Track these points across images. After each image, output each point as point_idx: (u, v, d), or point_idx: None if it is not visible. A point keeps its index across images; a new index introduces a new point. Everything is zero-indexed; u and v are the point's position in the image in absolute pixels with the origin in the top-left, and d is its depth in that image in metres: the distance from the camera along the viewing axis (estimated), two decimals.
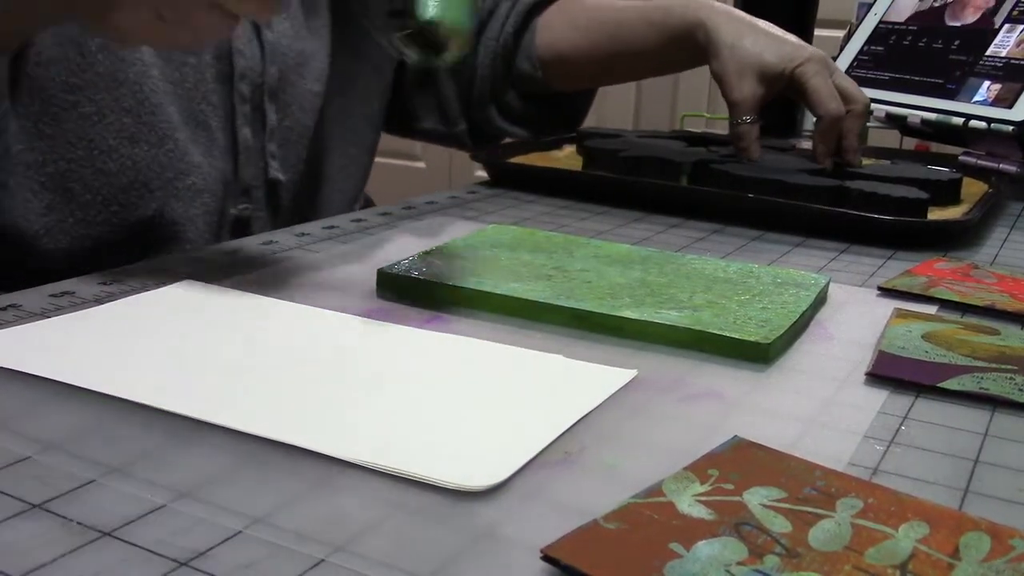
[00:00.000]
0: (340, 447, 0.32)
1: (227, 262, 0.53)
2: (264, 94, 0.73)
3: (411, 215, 0.67)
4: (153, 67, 0.66)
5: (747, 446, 0.33)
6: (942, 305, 0.51)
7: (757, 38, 0.78)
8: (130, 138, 0.65)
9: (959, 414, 0.38)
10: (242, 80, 0.71)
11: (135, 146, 0.65)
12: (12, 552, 0.25)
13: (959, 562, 0.26)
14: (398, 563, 0.26)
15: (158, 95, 0.66)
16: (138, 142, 0.66)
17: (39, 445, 0.31)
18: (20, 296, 0.45)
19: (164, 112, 0.66)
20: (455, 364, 0.40)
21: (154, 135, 0.66)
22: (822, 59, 0.77)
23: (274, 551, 0.26)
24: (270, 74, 0.73)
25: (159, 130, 0.66)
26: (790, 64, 0.76)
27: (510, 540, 0.27)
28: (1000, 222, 0.74)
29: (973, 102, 0.86)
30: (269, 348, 0.41)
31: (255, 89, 0.72)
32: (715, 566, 0.25)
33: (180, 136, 0.67)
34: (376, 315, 0.45)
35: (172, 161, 0.67)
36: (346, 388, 0.37)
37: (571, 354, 0.41)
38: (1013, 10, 0.89)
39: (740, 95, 0.76)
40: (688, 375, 0.40)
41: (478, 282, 0.48)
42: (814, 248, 0.62)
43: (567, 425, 0.34)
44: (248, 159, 0.73)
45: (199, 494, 0.29)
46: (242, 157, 0.72)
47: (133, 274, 0.50)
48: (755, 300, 0.48)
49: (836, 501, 0.29)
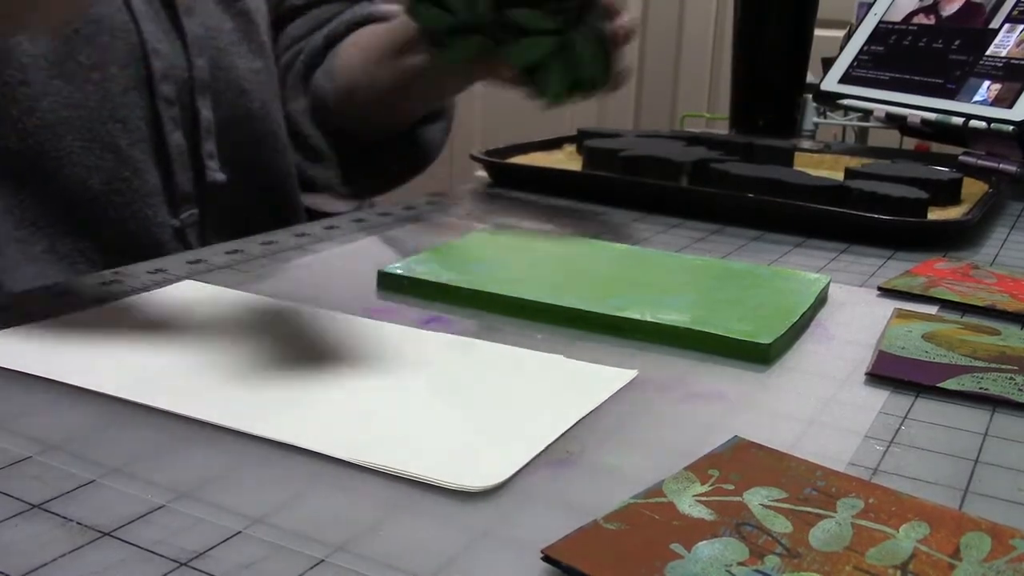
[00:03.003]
0: (340, 447, 0.32)
1: (227, 262, 0.53)
2: (194, 90, 0.67)
3: (411, 215, 0.67)
4: (43, 98, 0.61)
5: (747, 446, 0.33)
6: (942, 305, 0.51)
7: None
8: (16, 178, 0.60)
9: (959, 414, 0.38)
10: (164, 82, 0.65)
11: (21, 189, 0.61)
12: (12, 552, 0.25)
13: (960, 562, 0.26)
14: (398, 563, 0.26)
15: (46, 130, 0.61)
16: (25, 183, 0.61)
17: (39, 445, 0.31)
18: (20, 296, 0.45)
19: (56, 144, 0.61)
20: (455, 364, 0.40)
21: (40, 174, 0.61)
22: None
23: (274, 551, 0.26)
24: (198, 67, 0.67)
25: (46, 168, 0.61)
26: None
27: (510, 540, 0.27)
28: (1000, 222, 0.74)
29: (973, 102, 0.86)
30: (269, 348, 0.41)
31: (181, 87, 0.67)
32: (716, 566, 0.25)
33: (77, 167, 0.62)
34: (376, 315, 0.45)
35: (76, 192, 0.62)
36: (346, 388, 0.37)
37: (571, 354, 0.41)
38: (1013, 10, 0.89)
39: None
40: (688, 375, 0.40)
41: (478, 282, 0.48)
42: (814, 248, 0.62)
43: (567, 425, 0.34)
44: (182, 165, 0.67)
45: (199, 494, 0.29)
46: (176, 165, 0.67)
47: (133, 274, 0.50)
48: (755, 300, 0.48)
49: (837, 501, 0.29)
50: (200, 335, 0.42)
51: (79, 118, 0.62)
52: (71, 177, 0.62)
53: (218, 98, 0.69)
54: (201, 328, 0.43)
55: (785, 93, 1.09)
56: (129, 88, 0.64)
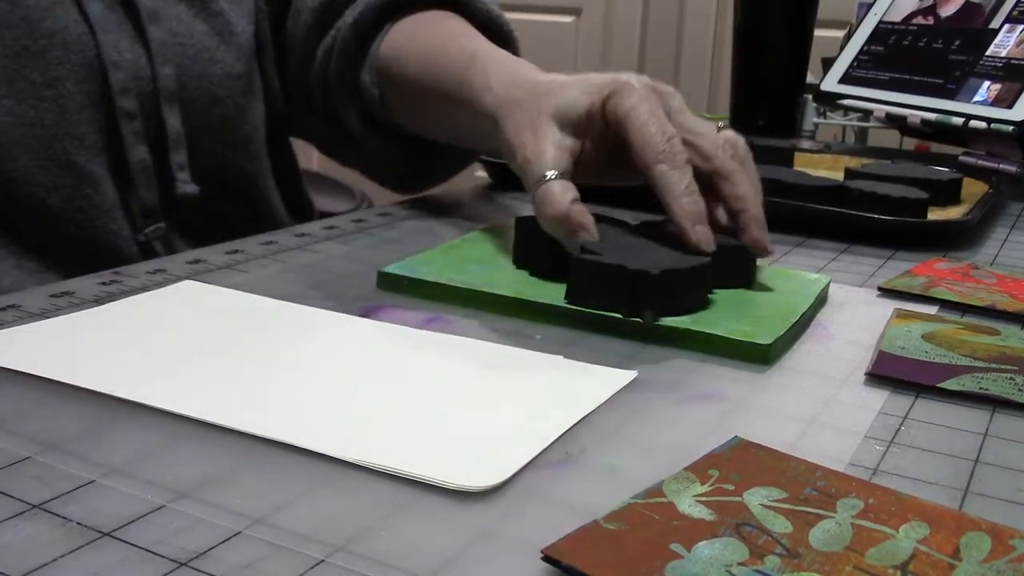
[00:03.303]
0: (340, 447, 0.32)
1: (227, 262, 0.53)
2: (160, 101, 0.64)
3: (411, 215, 0.67)
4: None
5: (747, 446, 0.33)
6: (942, 305, 0.51)
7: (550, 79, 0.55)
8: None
9: (959, 414, 0.38)
10: (123, 95, 0.62)
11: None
12: (11, 553, 0.25)
13: (960, 562, 0.26)
14: (398, 563, 0.26)
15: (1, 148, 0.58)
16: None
17: (39, 445, 0.31)
18: (20, 296, 0.45)
19: (11, 165, 0.59)
20: (456, 364, 0.40)
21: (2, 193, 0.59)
22: (647, 84, 0.51)
23: (274, 551, 0.26)
24: (163, 76, 0.63)
25: (3, 189, 0.59)
26: (598, 95, 0.51)
27: (510, 540, 0.27)
28: (1000, 222, 0.74)
29: (973, 102, 0.86)
30: (269, 348, 0.41)
31: (146, 98, 0.63)
32: (716, 566, 0.25)
33: (35, 187, 0.60)
34: (376, 315, 0.45)
35: (35, 212, 0.60)
36: (346, 388, 0.37)
37: (571, 355, 0.41)
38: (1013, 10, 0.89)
39: (534, 150, 0.51)
40: (688, 376, 0.40)
41: (478, 282, 0.48)
42: (814, 248, 0.62)
43: (568, 426, 0.34)
44: (145, 180, 0.64)
45: (199, 494, 0.29)
46: (138, 180, 0.64)
47: (133, 274, 0.50)
48: (755, 301, 0.48)
49: (836, 501, 0.29)
50: (200, 335, 0.42)
51: (34, 137, 0.59)
52: (30, 197, 0.60)
53: (188, 107, 0.66)
54: (201, 328, 0.43)
55: (785, 93, 1.09)
56: (86, 105, 0.61)
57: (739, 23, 1.10)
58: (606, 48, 2.40)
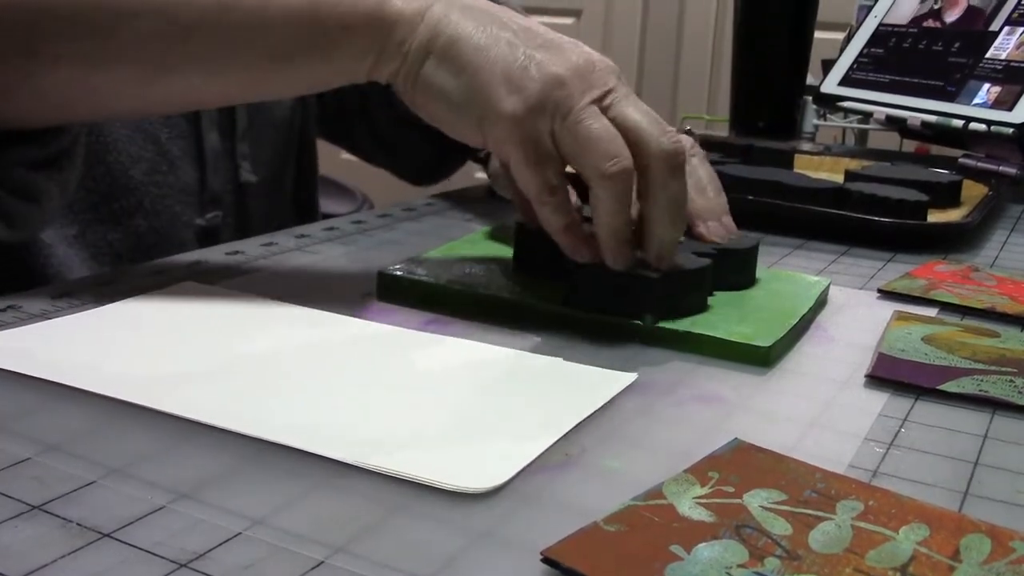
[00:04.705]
0: (340, 449, 0.32)
1: (227, 263, 0.53)
2: None
3: (411, 216, 0.67)
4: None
5: (747, 448, 0.33)
6: (942, 307, 0.51)
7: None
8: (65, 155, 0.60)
9: (959, 416, 0.38)
10: None
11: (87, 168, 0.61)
12: (11, 553, 0.25)
13: (959, 564, 0.26)
14: (398, 565, 0.26)
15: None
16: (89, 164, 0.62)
17: (39, 446, 0.31)
18: (20, 297, 0.45)
19: (106, 127, 0.62)
20: (455, 366, 0.40)
21: (88, 155, 0.61)
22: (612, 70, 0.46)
23: (274, 552, 0.26)
24: None
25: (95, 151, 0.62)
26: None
27: (510, 542, 0.27)
28: (1000, 224, 0.74)
29: (973, 104, 0.86)
30: (269, 350, 0.41)
31: None
32: (716, 568, 0.25)
33: (122, 154, 0.63)
34: (376, 316, 0.45)
35: (117, 180, 0.63)
36: (346, 390, 0.37)
37: (571, 357, 0.41)
38: (1013, 13, 0.89)
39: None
40: (688, 378, 0.40)
41: (478, 284, 0.48)
42: (814, 250, 0.62)
43: (568, 428, 0.34)
44: (216, 166, 0.69)
45: (199, 495, 0.29)
46: (209, 165, 0.68)
47: (133, 275, 0.50)
48: (755, 303, 0.48)
49: (836, 503, 0.29)
50: (200, 335, 0.42)
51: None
52: (118, 165, 0.64)
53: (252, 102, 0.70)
54: (201, 328, 0.43)
55: (785, 95, 1.09)
56: None
57: (739, 25, 1.10)
58: (606, 49, 2.40)
